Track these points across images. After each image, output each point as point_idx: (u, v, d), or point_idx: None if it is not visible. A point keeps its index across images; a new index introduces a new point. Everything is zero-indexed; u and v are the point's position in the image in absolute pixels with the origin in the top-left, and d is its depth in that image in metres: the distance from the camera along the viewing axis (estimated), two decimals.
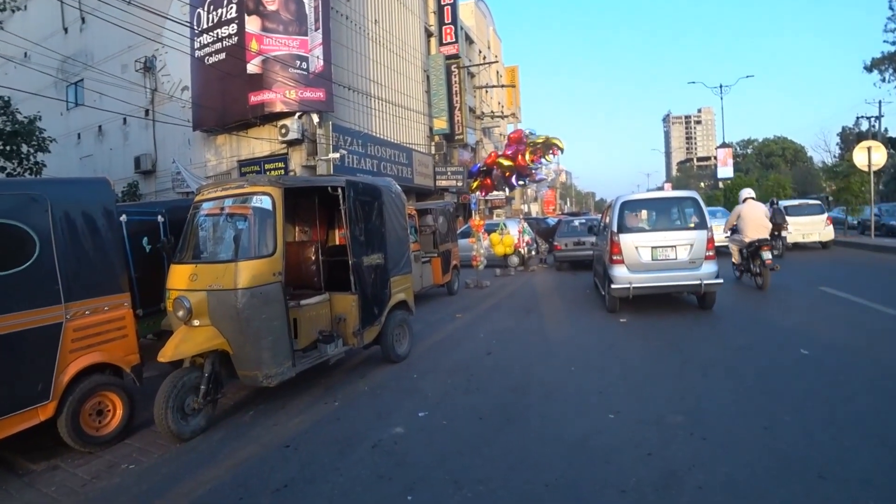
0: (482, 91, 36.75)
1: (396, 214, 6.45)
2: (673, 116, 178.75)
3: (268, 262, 4.55)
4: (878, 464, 3.28)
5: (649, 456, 3.55)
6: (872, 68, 40.00)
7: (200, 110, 17.35)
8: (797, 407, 4.26)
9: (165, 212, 6.33)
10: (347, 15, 19.24)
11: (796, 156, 64.92)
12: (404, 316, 6.52)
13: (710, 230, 7.93)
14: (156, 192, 19.44)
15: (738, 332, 6.96)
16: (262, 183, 4.84)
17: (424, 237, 11.49)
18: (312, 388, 5.58)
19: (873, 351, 5.64)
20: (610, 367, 5.70)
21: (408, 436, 4.20)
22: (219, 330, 4.46)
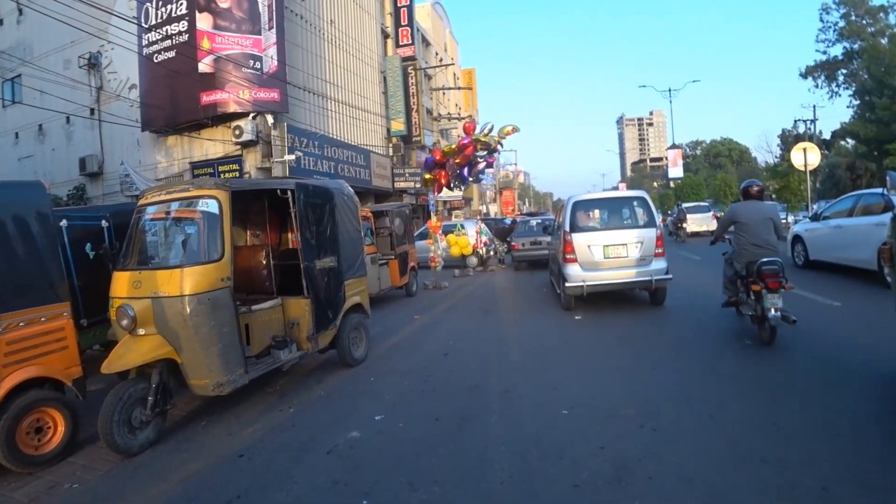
0: (439, 93, 36.82)
1: (349, 217, 6.39)
2: (626, 119, 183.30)
3: (215, 267, 4.43)
4: (816, 445, 3.45)
5: (602, 449, 3.62)
6: (807, 75, 42.27)
7: (149, 110, 16.78)
8: (742, 394, 4.47)
9: (110, 216, 6.07)
10: (302, 15, 18.95)
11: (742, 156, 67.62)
12: (360, 319, 6.47)
13: (659, 227, 8.22)
14: (103, 196, 18.70)
15: (687, 325, 7.21)
16: (209, 186, 4.71)
17: (381, 239, 11.43)
18: (267, 395, 5.48)
19: (808, 338, 5.94)
20: (565, 364, 5.81)
21: (364, 440, 4.16)
22: (166, 338, 4.31)
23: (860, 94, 32.65)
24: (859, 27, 38.53)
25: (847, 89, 39.41)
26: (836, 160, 39.95)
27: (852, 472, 3.09)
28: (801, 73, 42.97)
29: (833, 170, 39.69)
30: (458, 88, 42.50)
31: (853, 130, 33.23)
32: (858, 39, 38.02)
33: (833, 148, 42.41)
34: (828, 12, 40.34)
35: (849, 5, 39.06)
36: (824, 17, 40.67)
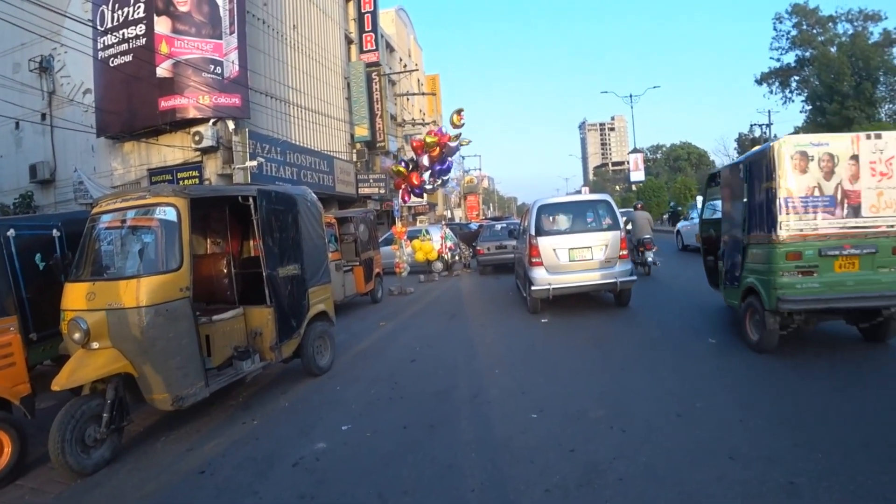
0: (403, 99, 36.78)
1: (313, 223, 6.28)
2: (588, 124, 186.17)
3: (173, 276, 4.29)
4: (780, 441, 3.54)
5: (572, 452, 3.64)
6: (762, 81, 43.78)
7: (105, 115, 16.24)
8: (708, 393, 4.55)
9: (61, 225, 5.79)
10: (264, 20, 18.67)
11: (700, 160, 69.35)
12: (325, 327, 6.36)
13: (623, 230, 8.33)
14: (55, 204, 17.98)
15: (654, 325, 7.35)
16: (166, 193, 4.56)
17: (346, 245, 11.31)
18: (229, 408, 5.33)
19: None
20: (533, 367, 5.83)
21: (331, 451, 4.08)
22: (121, 352, 4.14)
23: (812, 100, 33.94)
24: (810, 36, 40.04)
25: (800, 95, 40.85)
26: None
27: (818, 465, 3.17)
28: (757, 80, 44.42)
29: None
30: (423, 94, 42.54)
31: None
32: (809, 48, 39.51)
33: None
34: (781, 21, 41.83)
35: (800, 15, 40.56)
36: (777, 27, 42.18)
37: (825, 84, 30.89)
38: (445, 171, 13.88)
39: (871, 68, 29.35)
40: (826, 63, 31.65)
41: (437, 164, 13.53)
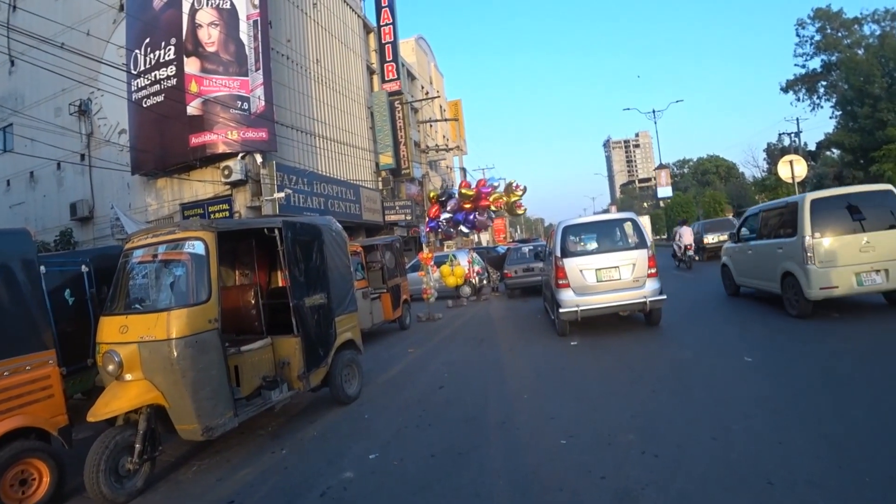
0: (427, 125, 37.27)
1: (338, 252, 6.37)
2: (613, 141, 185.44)
3: (202, 308, 4.39)
4: (821, 463, 3.39)
5: (603, 479, 3.54)
6: (788, 89, 43.07)
7: (139, 154, 16.89)
8: (744, 414, 4.37)
9: (90, 261, 5.99)
10: (288, 55, 19.27)
11: (729, 172, 68.18)
12: (352, 355, 6.39)
13: (650, 248, 8.15)
14: (94, 240, 18.64)
15: (685, 345, 7.15)
16: (195, 227, 4.70)
17: (373, 273, 11.39)
18: (259, 437, 5.37)
19: (808, 351, 5.95)
20: (562, 392, 5.72)
21: (358, 480, 4.07)
22: (153, 383, 4.24)
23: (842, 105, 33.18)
24: (835, 40, 39.36)
25: (828, 101, 40.09)
26: (824, 171, 40.38)
27: (863, 490, 3.04)
28: (782, 88, 43.79)
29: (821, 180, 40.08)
30: (445, 120, 43.08)
31: (838, 140, 33.67)
32: (835, 51, 38.80)
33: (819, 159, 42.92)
34: (803, 27, 41.33)
35: (823, 19, 39.99)
36: (800, 32, 41.68)
37: (854, 88, 30.15)
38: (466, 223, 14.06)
39: None
40: (854, 66, 30.94)
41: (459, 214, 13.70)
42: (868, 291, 7.26)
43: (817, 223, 7.37)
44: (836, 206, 7.46)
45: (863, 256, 7.12)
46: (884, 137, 26.04)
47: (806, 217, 7.44)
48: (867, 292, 7.31)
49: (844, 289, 7.13)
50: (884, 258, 7.02)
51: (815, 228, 7.35)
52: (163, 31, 16.46)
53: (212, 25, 16.34)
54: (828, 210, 7.45)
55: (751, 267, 9.51)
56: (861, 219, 7.26)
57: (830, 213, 7.43)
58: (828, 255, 7.25)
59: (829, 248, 7.27)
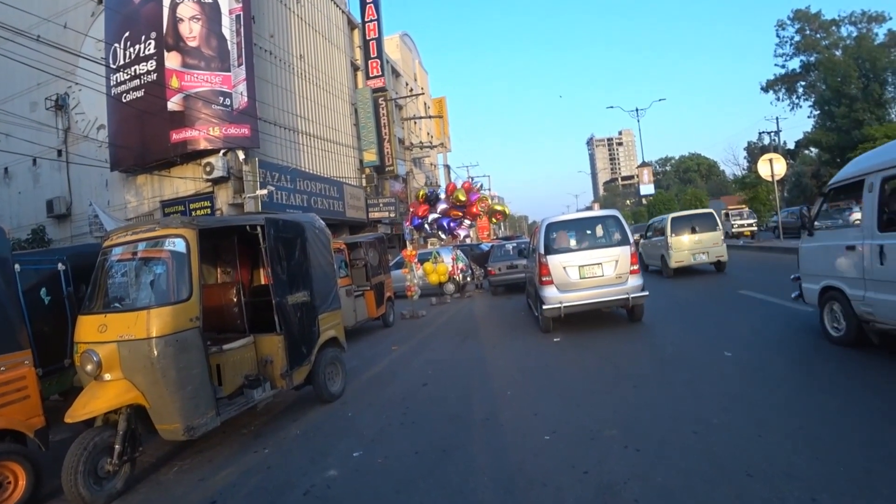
0: (411, 122, 37.20)
1: (321, 250, 6.33)
2: (596, 139, 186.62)
3: (183, 307, 4.33)
4: (799, 456, 3.45)
5: (586, 474, 3.57)
6: (768, 89, 43.80)
7: (118, 150, 16.64)
8: (724, 408, 4.44)
9: (67, 259, 5.87)
10: (271, 51, 19.09)
11: (710, 170, 69.14)
12: (336, 353, 6.36)
13: (633, 245, 8.24)
14: (72, 237, 18.31)
15: (667, 341, 7.24)
16: (175, 225, 4.63)
17: (356, 271, 11.35)
18: (241, 437, 5.32)
19: (786, 346, 6.06)
20: (545, 388, 5.75)
21: (342, 478, 4.05)
22: (132, 383, 4.18)
23: (819, 105, 33.80)
24: (814, 41, 40.10)
25: (807, 100, 40.82)
26: (802, 169, 41.15)
27: (839, 480, 3.10)
28: (763, 87, 44.56)
29: (799, 178, 40.82)
30: (429, 117, 43.03)
31: (816, 139, 34.36)
32: (814, 52, 39.55)
33: (798, 157, 43.73)
34: (783, 28, 42.06)
35: (803, 21, 40.72)
36: (780, 33, 42.44)
37: (832, 88, 30.79)
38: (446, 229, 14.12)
39: (879, 69, 29.24)
40: (832, 67, 31.60)
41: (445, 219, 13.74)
42: (699, 263, 13.82)
43: (673, 229, 13.76)
44: (684, 220, 14.06)
45: (696, 246, 13.56)
46: (860, 137, 26.61)
47: (668, 226, 13.78)
48: (699, 264, 13.85)
49: (686, 262, 13.61)
50: (706, 247, 13.49)
51: (672, 232, 13.69)
52: (143, 24, 16.21)
53: (193, 20, 16.13)
54: (679, 222, 13.92)
55: (648, 253, 15.74)
56: (694, 226, 13.71)
57: (680, 224, 13.83)
58: (678, 245, 13.64)
59: (678, 242, 13.63)
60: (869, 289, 5.11)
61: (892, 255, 4.77)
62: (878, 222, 4.97)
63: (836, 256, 5.68)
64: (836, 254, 5.69)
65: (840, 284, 5.60)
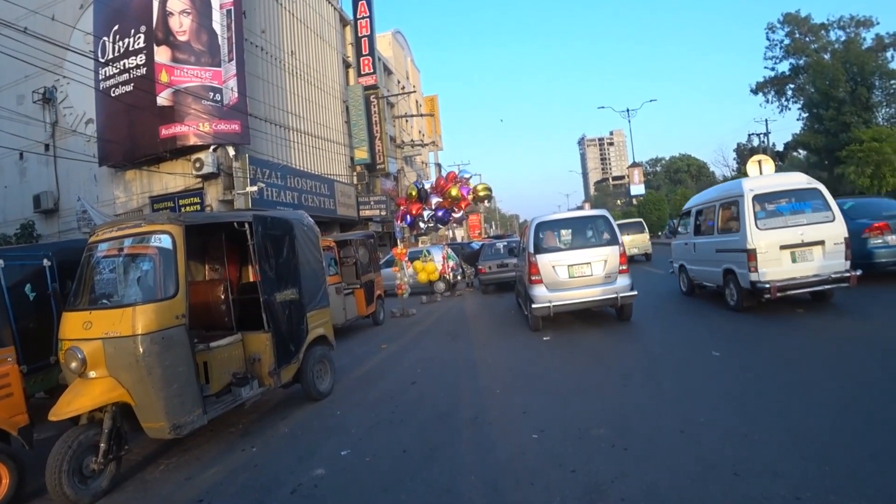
0: (402, 120, 37.13)
1: (310, 247, 6.30)
2: (587, 139, 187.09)
3: (169, 304, 4.29)
4: (785, 455, 3.48)
5: (573, 473, 3.58)
6: (758, 91, 44.11)
7: (107, 144, 16.47)
8: (711, 407, 4.48)
9: (53, 254, 5.78)
10: (262, 47, 18.97)
11: (700, 171, 69.41)
12: (324, 351, 6.34)
13: (622, 245, 8.29)
14: (59, 233, 18.10)
15: (655, 340, 7.31)
16: (162, 221, 4.59)
17: (346, 268, 11.31)
18: (229, 435, 5.30)
19: (773, 346, 6.13)
20: (534, 386, 5.77)
21: (330, 477, 4.04)
22: (118, 381, 4.13)
23: (808, 107, 34.05)
24: (803, 44, 40.36)
25: (796, 103, 41.02)
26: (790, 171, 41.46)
27: (824, 479, 3.12)
28: (752, 89, 44.75)
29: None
30: (421, 115, 42.96)
31: (804, 142, 34.61)
32: (803, 56, 39.82)
33: (787, 159, 44.03)
34: (773, 31, 42.25)
35: (793, 24, 40.96)
36: (770, 36, 42.60)
37: (821, 91, 31.04)
38: (442, 220, 14.08)
39: (866, 73, 29.51)
40: (820, 70, 31.86)
41: (440, 211, 13.72)
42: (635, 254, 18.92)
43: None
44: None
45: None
46: (847, 140, 26.81)
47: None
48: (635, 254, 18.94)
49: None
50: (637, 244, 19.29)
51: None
52: (132, 18, 16.04)
53: (183, 14, 15.99)
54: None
55: None
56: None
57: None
58: None
59: None
60: (692, 264, 10.15)
61: (699, 248, 9.66)
62: (694, 231, 10.03)
63: (683, 248, 10.62)
64: (683, 247, 10.62)
65: (684, 262, 10.55)
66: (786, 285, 7.41)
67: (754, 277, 7.60)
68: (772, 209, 7.84)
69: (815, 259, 7.51)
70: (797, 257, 7.57)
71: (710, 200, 9.38)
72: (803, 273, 7.50)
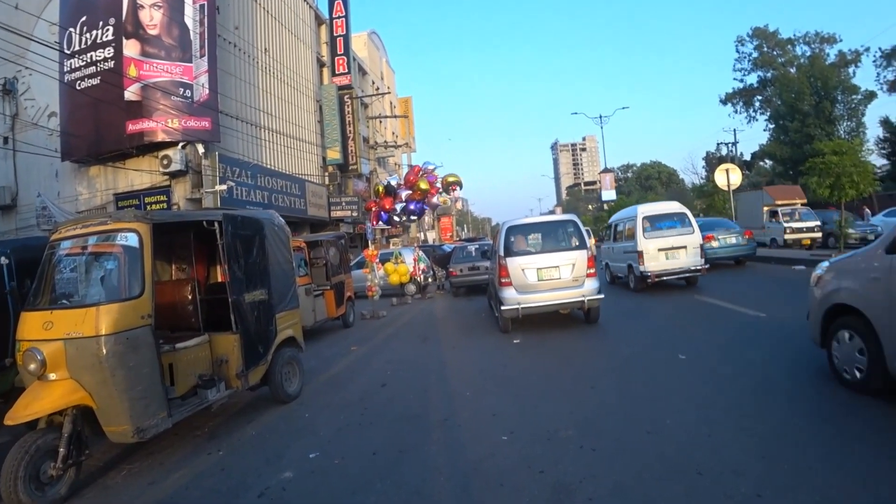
0: (376, 121, 36.99)
1: (280, 247, 6.23)
2: (560, 144, 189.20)
3: (134, 304, 4.19)
4: (747, 454, 3.58)
5: (541, 474, 3.61)
6: (727, 101, 45.43)
7: (70, 139, 16.01)
8: (677, 409, 4.57)
9: (11, 252, 5.57)
10: (235, 43, 18.71)
11: (670, 178, 71.00)
12: (293, 353, 6.26)
13: (590, 249, 8.50)
14: (17, 230, 17.51)
15: (624, 343, 7.44)
16: (128, 219, 4.48)
17: (316, 269, 11.22)
18: (194, 438, 5.19)
19: (737, 349, 6.29)
20: (504, 389, 5.80)
21: (297, 480, 3.99)
22: (79, 383, 4.01)
23: (775, 119, 35.19)
24: (771, 58, 41.77)
25: (763, 114, 42.40)
26: (757, 180, 42.66)
27: (783, 478, 3.22)
28: (722, 100, 46.11)
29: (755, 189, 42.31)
30: (395, 117, 42.87)
31: (770, 152, 35.78)
32: (771, 69, 41.22)
33: (753, 168, 45.45)
34: (743, 44, 43.68)
35: (761, 38, 42.37)
36: (740, 49, 44.06)
37: (787, 103, 32.12)
38: (416, 212, 14.03)
39: (830, 88, 30.64)
40: (787, 83, 32.97)
41: (413, 203, 13.67)
42: None
43: None
44: None
45: None
46: (810, 151, 27.75)
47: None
48: None
49: None
50: None
51: None
52: (101, 9, 15.66)
53: (154, 7, 15.67)
54: None
55: None
56: None
57: None
58: None
59: None
60: (612, 262, 13.68)
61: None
62: (613, 237, 13.66)
63: (606, 251, 14.20)
64: (606, 250, 14.18)
65: (608, 261, 14.08)
66: (661, 274, 11.33)
67: (642, 269, 11.44)
68: (655, 225, 11.75)
69: (681, 257, 11.35)
70: (669, 256, 11.40)
71: (621, 219, 13.32)
72: (673, 266, 11.35)
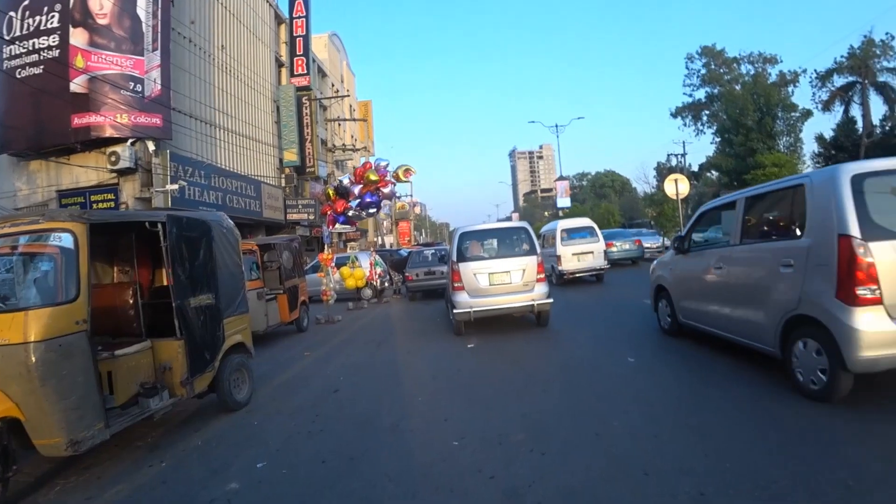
0: (335, 124, 36.62)
1: (228, 251, 6.05)
2: (518, 152, 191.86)
3: (68, 308, 3.95)
4: (691, 453, 3.69)
5: (492, 479, 3.61)
6: (677, 115, 47.38)
7: (9, 130, 15.21)
8: (624, 411, 4.67)
9: None
10: (191, 38, 18.20)
11: (623, 187, 72.95)
12: (242, 359, 6.08)
13: (540, 255, 8.77)
14: None
15: (575, 346, 7.60)
16: (62, 218, 4.23)
17: (269, 273, 10.97)
18: (135, 450, 4.95)
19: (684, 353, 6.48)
20: (456, 394, 5.80)
21: (244, 491, 3.86)
22: (5, 394, 3.75)
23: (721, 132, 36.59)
24: (718, 75, 43.82)
25: (710, 128, 44.21)
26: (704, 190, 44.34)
27: (725, 475, 3.32)
28: (672, 113, 47.87)
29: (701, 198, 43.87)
30: (354, 120, 42.58)
31: (716, 163, 37.21)
32: (717, 85, 43.21)
33: (701, 178, 47.25)
34: (692, 61, 45.50)
35: (709, 56, 44.42)
36: (689, 65, 45.84)
37: (732, 118, 33.46)
38: (373, 204, 13.84)
39: (771, 105, 32.03)
40: (732, 99, 34.40)
41: (368, 196, 13.50)
42: None
43: None
44: None
45: None
46: (753, 163, 29.13)
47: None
48: None
49: None
50: None
51: None
52: None
53: None
54: None
55: None
56: None
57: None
58: None
59: None
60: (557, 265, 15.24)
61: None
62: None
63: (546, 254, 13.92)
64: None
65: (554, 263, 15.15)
66: (574, 272, 15.11)
67: (560, 269, 15.10)
68: (571, 236, 15.62)
69: (589, 260, 15.12)
70: (580, 259, 15.14)
71: (547, 230, 16.96)
72: (584, 266, 15.12)
